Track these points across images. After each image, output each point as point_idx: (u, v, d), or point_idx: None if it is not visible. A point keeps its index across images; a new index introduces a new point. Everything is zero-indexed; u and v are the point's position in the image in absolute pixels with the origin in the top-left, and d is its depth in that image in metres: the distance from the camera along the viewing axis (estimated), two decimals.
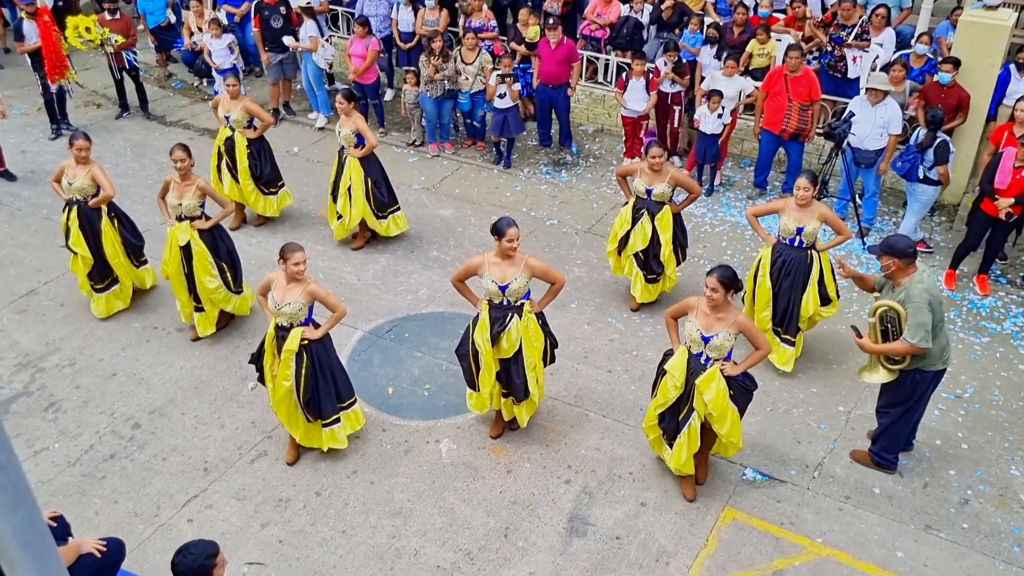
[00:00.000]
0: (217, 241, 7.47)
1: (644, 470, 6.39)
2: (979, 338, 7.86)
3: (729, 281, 5.45)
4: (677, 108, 10.45)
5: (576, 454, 6.55)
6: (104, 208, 7.77)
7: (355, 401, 6.44)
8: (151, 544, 5.78)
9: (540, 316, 6.22)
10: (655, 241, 7.71)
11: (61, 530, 4.78)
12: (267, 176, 9.27)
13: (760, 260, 7.17)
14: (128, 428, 6.80)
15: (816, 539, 5.87)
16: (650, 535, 5.90)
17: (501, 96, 10.35)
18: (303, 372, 6.03)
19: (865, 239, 9.24)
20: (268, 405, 6.96)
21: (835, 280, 7.17)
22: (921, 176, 8.51)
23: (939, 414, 6.95)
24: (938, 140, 8.34)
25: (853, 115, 8.87)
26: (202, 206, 7.39)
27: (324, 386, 6.14)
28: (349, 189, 8.64)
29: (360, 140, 8.55)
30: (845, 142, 8.89)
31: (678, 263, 8.01)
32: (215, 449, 6.60)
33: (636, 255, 7.81)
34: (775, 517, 6.00)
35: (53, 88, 11.29)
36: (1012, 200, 7.87)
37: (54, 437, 6.71)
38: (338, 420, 6.33)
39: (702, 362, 5.60)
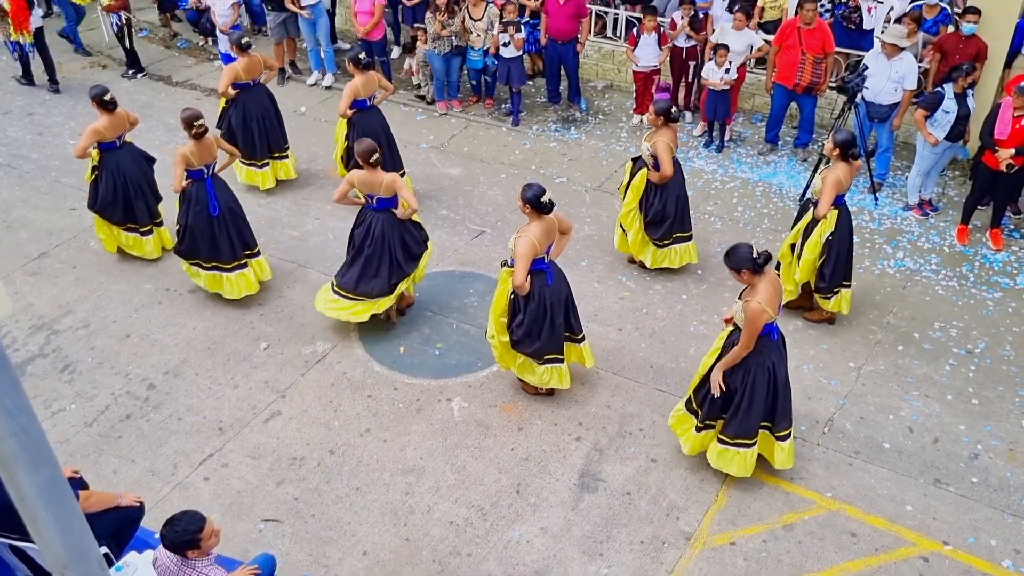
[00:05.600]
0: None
1: (654, 427, 6.44)
2: (991, 293, 7.83)
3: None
4: (692, 63, 10.31)
5: (587, 411, 6.60)
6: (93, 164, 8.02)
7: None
8: (168, 502, 5.87)
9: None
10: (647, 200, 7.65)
11: (80, 489, 4.87)
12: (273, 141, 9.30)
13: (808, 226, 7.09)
14: (143, 389, 6.87)
15: (826, 494, 5.92)
16: (660, 490, 5.96)
17: (505, 45, 10.26)
18: None
19: (877, 195, 9.17)
20: (281, 365, 7.04)
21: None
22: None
23: (950, 369, 6.96)
24: (935, 89, 8.22)
25: (867, 68, 8.74)
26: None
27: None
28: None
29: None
30: (859, 96, 8.77)
31: (661, 236, 7.74)
32: (229, 409, 6.67)
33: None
34: (784, 472, 6.04)
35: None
36: (1012, 151, 7.76)
37: (70, 398, 6.79)
38: None
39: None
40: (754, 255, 5.30)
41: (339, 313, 7.11)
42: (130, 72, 12.26)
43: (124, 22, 11.78)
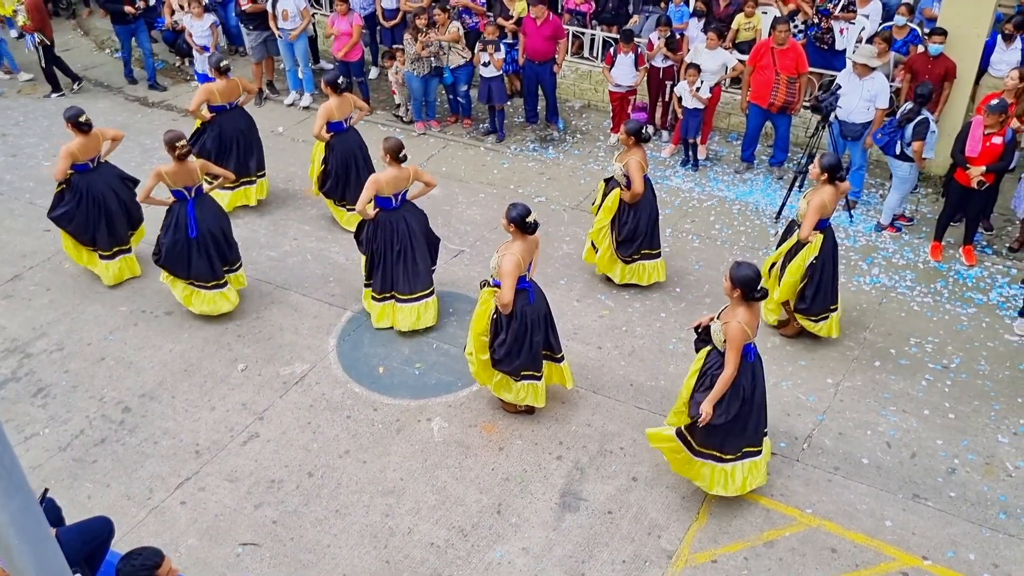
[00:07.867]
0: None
1: (635, 445, 6.43)
2: (965, 309, 7.92)
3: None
4: (669, 83, 10.41)
5: (567, 430, 6.58)
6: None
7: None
8: (144, 527, 5.78)
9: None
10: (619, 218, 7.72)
11: (52, 514, 4.79)
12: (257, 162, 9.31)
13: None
14: (118, 412, 6.78)
15: (806, 510, 5.94)
16: (642, 509, 5.95)
17: (485, 64, 10.34)
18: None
19: (852, 212, 9.27)
20: (258, 387, 6.98)
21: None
22: (898, 152, 8.50)
23: (926, 384, 7.02)
24: (920, 117, 8.30)
25: (840, 88, 8.86)
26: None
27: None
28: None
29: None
30: (832, 115, 8.89)
31: (630, 253, 7.80)
32: (206, 431, 6.59)
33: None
34: (765, 489, 6.06)
35: None
36: (983, 168, 7.88)
37: (44, 422, 6.69)
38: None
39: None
40: (758, 285, 5.34)
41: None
42: (52, 94, 12.16)
43: (39, 43, 11.72)
